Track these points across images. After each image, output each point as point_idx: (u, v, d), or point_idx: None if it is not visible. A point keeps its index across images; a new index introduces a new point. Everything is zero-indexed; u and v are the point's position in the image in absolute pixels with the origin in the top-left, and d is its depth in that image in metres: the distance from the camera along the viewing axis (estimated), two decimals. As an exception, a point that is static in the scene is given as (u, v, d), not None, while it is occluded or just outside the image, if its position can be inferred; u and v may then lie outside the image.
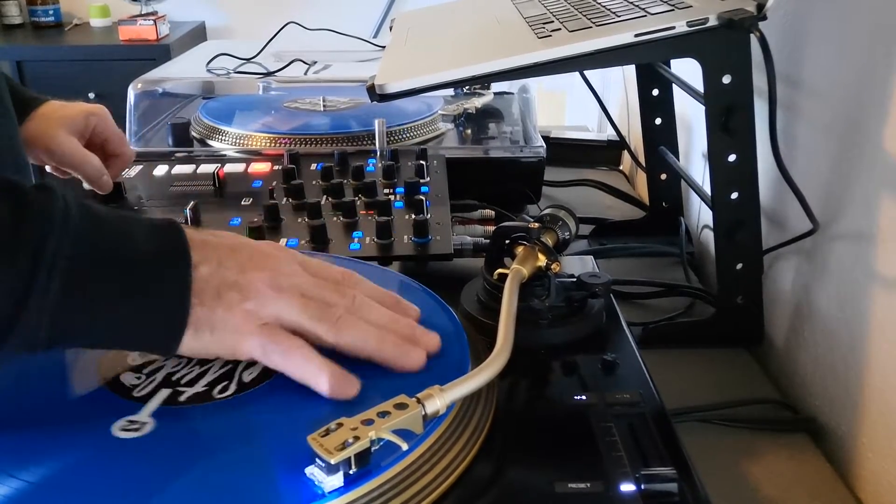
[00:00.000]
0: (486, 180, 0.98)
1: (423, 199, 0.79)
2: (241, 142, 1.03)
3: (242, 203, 0.83)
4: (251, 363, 0.49)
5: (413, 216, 0.75)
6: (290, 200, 0.82)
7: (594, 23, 0.70)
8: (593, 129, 1.55)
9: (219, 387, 0.48)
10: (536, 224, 0.61)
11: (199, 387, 0.48)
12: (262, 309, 0.47)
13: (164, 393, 0.47)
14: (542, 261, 0.58)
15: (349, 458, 0.39)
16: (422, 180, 0.85)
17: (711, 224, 0.73)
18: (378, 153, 0.95)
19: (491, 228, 0.86)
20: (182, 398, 0.47)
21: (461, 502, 0.42)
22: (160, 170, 0.91)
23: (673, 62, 0.89)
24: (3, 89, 0.67)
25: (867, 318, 0.62)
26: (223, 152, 1.01)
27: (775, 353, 0.77)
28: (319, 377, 0.46)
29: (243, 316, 0.46)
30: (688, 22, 0.64)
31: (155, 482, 0.40)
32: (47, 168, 0.83)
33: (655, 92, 0.94)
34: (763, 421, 0.67)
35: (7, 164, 0.67)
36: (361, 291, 0.52)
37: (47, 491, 0.40)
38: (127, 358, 0.51)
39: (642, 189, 1.14)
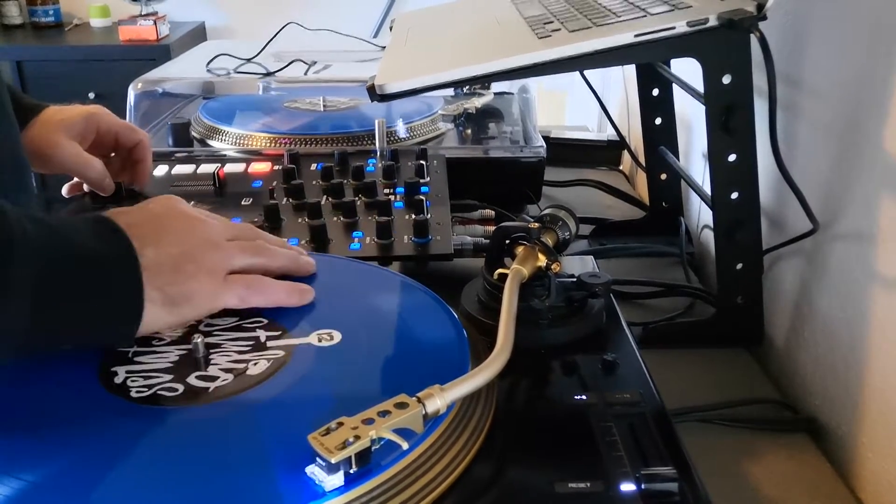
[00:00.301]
0: (486, 180, 0.98)
1: (423, 199, 0.79)
2: (242, 142, 1.03)
3: (242, 203, 0.83)
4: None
5: (413, 216, 0.75)
6: (291, 200, 0.82)
7: (594, 23, 0.70)
8: (593, 128, 1.55)
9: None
10: (536, 224, 0.61)
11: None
12: (218, 265, 0.54)
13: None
14: (542, 261, 0.58)
15: (350, 457, 0.39)
16: (422, 180, 0.85)
17: (711, 224, 0.73)
18: (378, 153, 0.95)
19: (491, 228, 0.86)
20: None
21: (461, 502, 0.42)
22: (160, 170, 0.91)
23: (673, 62, 0.89)
24: (3, 94, 0.67)
25: (867, 318, 0.62)
26: (223, 152, 1.01)
27: (775, 353, 0.77)
28: (291, 296, 0.56)
29: (208, 278, 0.53)
30: (688, 22, 0.64)
31: (155, 482, 0.40)
32: (64, 191, 0.84)
33: (655, 92, 0.94)
34: (763, 421, 0.67)
35: (7, 168, 0.67)
36: (249, 225, 0.62)
37: (47, 491, 0.40)
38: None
39: (642, 189, 1.14)
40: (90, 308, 0.48)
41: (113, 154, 0.84)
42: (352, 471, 0.39)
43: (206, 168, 0.91)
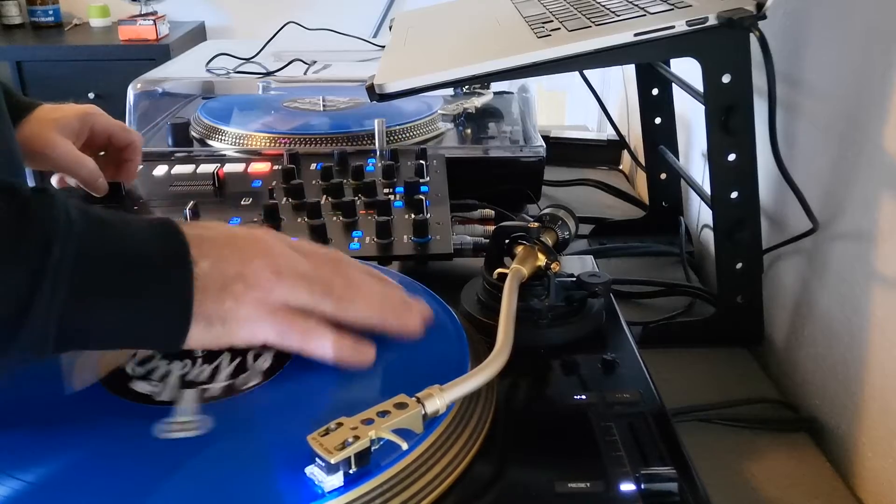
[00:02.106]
0: (485, 180, 0.98)
1: (423, 198, 0.79)
2: (241, 142, 1.03)
3: (242, 203, 0.83)
4: (259, 355, 0.50)
5: (413, 216, 0.75)
6: (290, 200, 0.82)
7: (594, 22, 0.70)
8: (593, 128, 1.55)
9: (240, 378, 0.48)
10: (536, 224, 0.61)
11: (221, 381, 0.49)
12: (269, 295, 0.48)
13: (192, 393, 0.47)
14: (541, 260, 0.58)
15: (349, 457, 0.39)
16: (421, 180, 0.85)
17: (711, 223, 0.73)
18: (378, 153, 0.95)
19: (491, 228, 0.86)
20: (208, 394, 0.47)
21: (461, 502, 0.42)
22: (160, 170, 0.91)
23: (673, 61, 0.89)
24: None
25: (867, 318, 0.62)
26: (223, 152, 1.01)
27: (775, 353, 0.77)
28: (338, 350, 0.49)
29: (253, 305, 0.47)
30: (687, 21, 0.64)
31: (155, 481, 0.40)
32: (53, 181, 0.83)
33: (655, 91, 0.94)
34: (763, 420, 0.67)
35: (2, 166, 0.67)
36: (353, 266, 0.54)
37: (47, 491, 0.40)
38: (124, 358, 0.51)
39: (642, 188, 1.14)
40: (131, 308, 0.44)
41: (102, 153, 0.84)
42: (351, 471, 0.39)
43: (206, 168, 0.91)
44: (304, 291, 0.49)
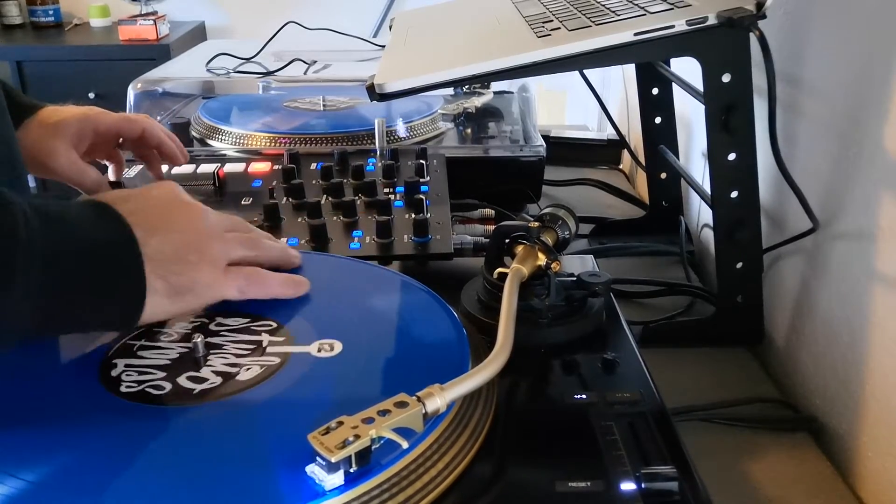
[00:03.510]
0: (486, 179, 0.98)
1: (423, 198, 0.79)
2: (241, 141, 1.03)
3: (242, 203, 0.83)
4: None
5: (413, 215, 0.75)
6: (290, 200, 0.82)
7: (594, 22, 0.70)
8: (593, 128, 1.55)
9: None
10: (536, 223, 0.61)
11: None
12: (219, 257, 0.55)
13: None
14: (542, 260, 0.58)
15: (350, 456, 0.39)
16: (422, 179, 0.85)
17: (711, 223, 0.73)
18: (378, 153, 0.95)
19: (491, 228, 0.86)
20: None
21: (462, 501, 0.42)
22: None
23: (673, 61, 0.89)
24: None
25: (867, 317, 0.62)
26: (223, 152, 1.01)
27: (775, 352, 0.77)
28: (287, 288, 0.57)
29: (210, 269, 0.54)
30: (687, 21, 0.64)
31: (155, 481, 0.40)
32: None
33: (655, 91, 0.94)
34: (763, 420, 0.67)
35: (4, 166, 0.67)
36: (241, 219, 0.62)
37: (47, 491, 0.40)
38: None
39: (642, 188, 1.14)
40: (93, 297, 0.48)
41: (121, 143, 0.83)
42: (352, 470, 0.39)
43: (206, 168, 0.91)
44: (240, 246, 0.57)
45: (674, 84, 0.88)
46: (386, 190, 0.85)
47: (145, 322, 0.51)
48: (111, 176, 0.85)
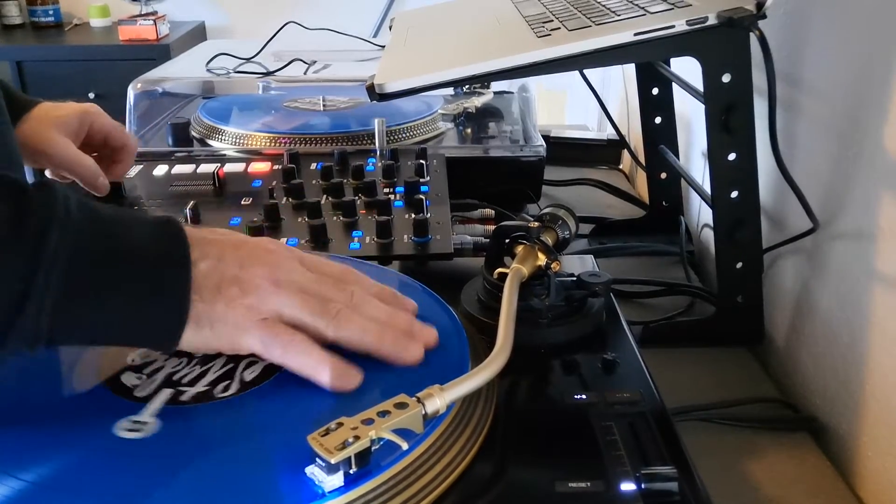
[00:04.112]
0: (485, 179, 0.98)
1: (423, 198, 0.79)
2: (241, 141, 1.03)
3: (242, 203, 0.83)
4: (252, 362, 0.50)
5: (413, 215, 0.75)
6: (290, 200, 0.82)
7: (594, 22, 0.70)
8: (593, 128, 1.55)
9: (220, 386, 0.48)
10: (536, 223, 0.61)
11: (201, 386, 0.48)
12: (262, 304, 0.47)
13: (166, 393, 0.47)
14: (541, 260, 0.58)
15: (349, 457, 0.39)
16: (422, 180, 0.85)
17: (711, 223, 0.73)
18: (378, 153, 0.95)
19: (491, 228, 0.86)
20: (183, 398, 0.47)
21: (462, 501, 0.42)
22: (160, 169, 0.91)
23: (673, 61, 0.89)
24: None
25: (867, 317, 0.62)
26: (223, 152, 1.01)
27: (776, 352, 0.77)
28: (320, 370, 0.47)
29: (244, 311, 0.47)
30: (687, 21, 0.64)
31: (155, 481, 0.40)
32: (47, 172, 0.82)
33: (655, 91, 0.94)
34: (763, 420, 0.67)
35: (2, 163, 0.67)
36: (360, 287, 0.52)
37: (47, 491, 0.40)
38: (127, 357, 0.51)
39: (642, 188, 1.14)
40: (127, 304, 0.44)
41: (95, 154, 0.84)
42: (351, 471, 0.39)
43: (206, 168, 0.91)
44: (297, 305, 0.48)
45: (674, 84, 0.88)
46: (386, 190, 0.85)
47: (179, 348, 0.47)
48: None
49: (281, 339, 0.47)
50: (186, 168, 0.92)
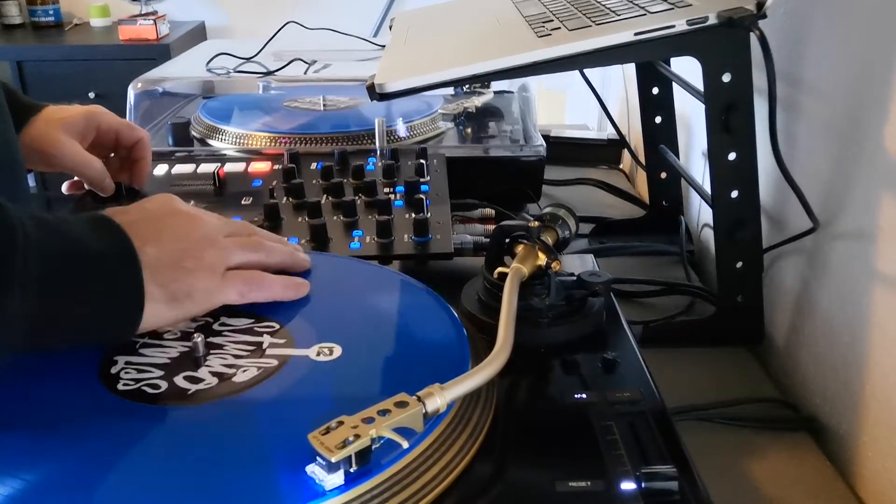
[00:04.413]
0: (486, 179, 0.98)
1: (424, 198, 0.79)
2: (242, 141, 1.03)
3: (242, 202, 0.83)
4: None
5: (413, 215, 0.75)
6: (291, 200, 0.82)
7: (594, 21, 0.70)
8: (593, 127, 1.55)
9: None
10: (536, 223, 0.61)
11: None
12: (217, 263, 0.55)
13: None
14: (542, 259, 0.58)
15: (350, 456, 0.39)
16: (422, 179, 0.85)
17: (712, 223, 0.73)
18: (378, 152, 0.95)
19: (491, 227, 0.86)
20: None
21: (462, 500, 0.42)
22: (160, 169, 0.91)
23: (673, 60, 0.89)
24: None
25: (867, 317, 0.62)
26: (223, 152, 1.01)
27: (776, 352, 0.77)
28: (287, 290, 0.57)
29: (207, 275, 0.54)
30: (688, 20, 0.64)
31: (155, 481, 0.40)
32: (64, 188, 0.83)
33: (655, 90, 0.94)
34: (763, 420, 0.67)
35: (3, 166, 0.67)
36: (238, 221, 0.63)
37: (47, 491, 0.40)
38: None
39: (642, 188, 1.14)
40: (92, 305, 0.48)
41: (112, 154, 0.84)
42: (352, 470, 0.39)
43: (206, 167, 0.91)
44: (239, 251, 0.57)
45: (674, 84, 0.88)
46: (386, 190, 0.84)
47: (145, 330, 0.51)
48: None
49: (252, 284, 0.56)
50: (187, 168, 0.92)
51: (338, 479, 0.39)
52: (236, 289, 0.55)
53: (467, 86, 1.18)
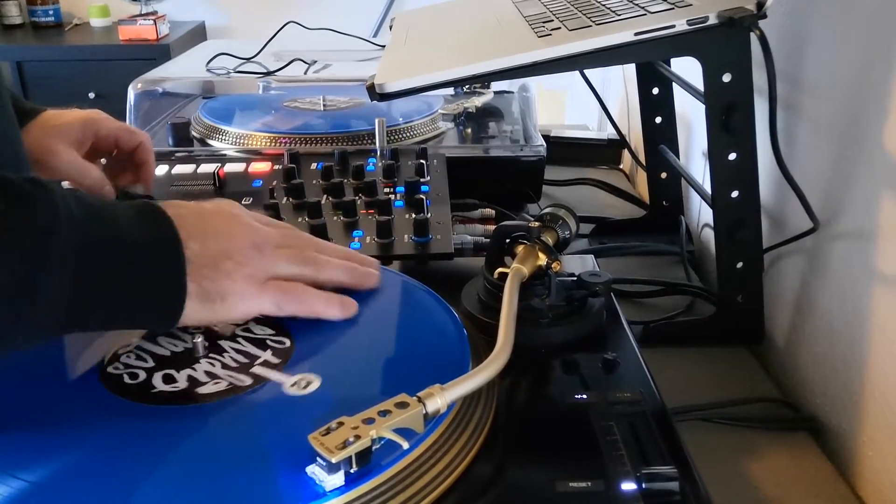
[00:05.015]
0: (486, 179, 0.98)
1: (424, 198, 0.79)
2: (242, 141, 1.03)
3: (243, 202, 0.83)
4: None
5: (413, 215, 0.75)
6: (291, 200, 0.82)
7: (594, 21, 0.70)
8: (593, 127, 1.55)
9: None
10: (537, 223, 0.61)
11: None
12: (258, 271, 0.53)
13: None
14: (542, 260, 0.58)
15: (350, 456, 0.39)
16: (422, 179, 0.85)
17: (712, 223, 0.73)
18: (378, 152, 0.95)
19: (491, 227, 0.87)
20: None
21: (462, 501, 0.42)
22: (160, 169, 0.91)
23: (673, 60, 0.89)
24: (2, 91, 0.67)
25: (867, 317, 0.62)
26: (223, 152, 1.01)
27: (776, 352, 0.77)
28: (330, 308, 0.55)
29: (245, 281, 0.52)
30: (688, 20, 0.64)
31: (155, 481, 0.40)
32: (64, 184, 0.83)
33: (655, 90, 0.94)
34: (764, 419, 0.67)
35: (8, 166, 0.67)
36: (302, 233, 0.60)
37: (47, 491, 0.40)
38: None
39: (643, 188, 1.14)
40: (132, 291, 0.47)
41: (115, 153, 0.84)
42: (352, 470, 0.39)
43: (207, 168, 0.91)
44: (285, 262, 0.54)
45: (674, 84, 0.88)
46: (386, 190, 0.85)
47: (183, 325, 0.50)
48: None
49: (290, 296, 0.54)
50: (187, 168, 0.92)
51: (338, 479, 0.39)
52: (272, 299, 0.53)
53: (467, 86, 1.18)
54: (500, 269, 0.58)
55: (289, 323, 0.54)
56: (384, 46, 1.00)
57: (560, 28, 0.71)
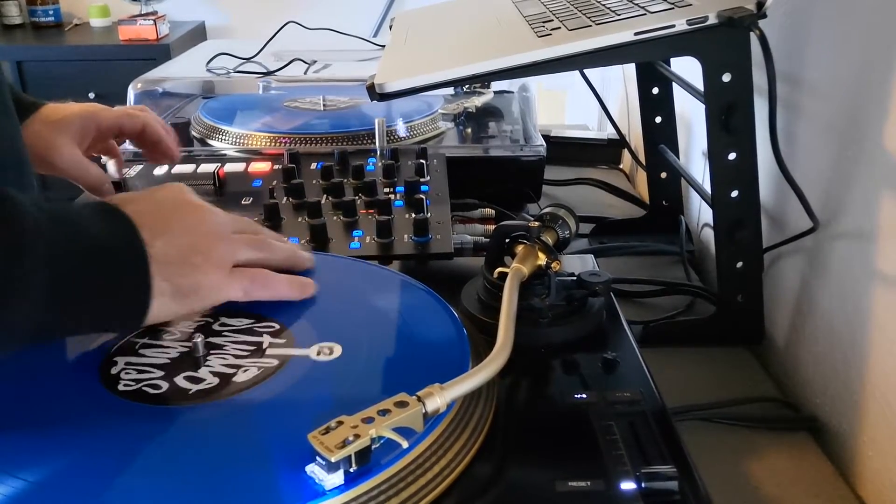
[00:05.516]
0: (486, 179, 0.98)
1: (424, 198, 0.79)
2: (242, 141, 1.03)
3: (242, 202, 0.83)
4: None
5: (413, 215, 0.75)
6: (291, 200, 0.82)
7: (594, 21, 0.70)
8: (593, 127, 1.55)
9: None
10: (536, 223, 0.61)
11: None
12: (224, 260, 0.54)
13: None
14: (542, 259, 0.58)
15: (349, 455, 0.39)
16: (422, 179, 0.85)
17: (712, 222, 0.73)
18: (378, 152, 0.95)
19: (491, 227, 0.86)
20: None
21: (462, 501, 0.42)
22: (160, 169, 0.91)
23: (673, 60, 0.89)
24: (4, 89, 0.67)
25: (868, 316, 0.62)
26: (223, 152, 1.01)
27: (776, 352, 0.77)
28: (292, 289, 0.57)
29: (215, 271, 0.53)
30: (688, 20, 0.64)
31: (155, 480, 0.40)
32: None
33: (655, 90, 0.94)
34: (764, 419, 0.67)
35: (9, 164, 0.67)
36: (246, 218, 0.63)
37: (47, 491, 0.40)
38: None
39: (642, 187, 1.14)
40: (100, 298, 0.48)
41: (122, 140, 0.84)
42: (352, 469, 0.39)
43: (207, 167, 0.91)
44: (246, 248, 0.57)
45: (674, 83, 0.88)
46: (386, 190, 0.85)
47: (150, 323, 0.51)
48: (111, 171, 0.85)
49: (258, 283, 0.56)
50: (187, 168, 0.92)
51: (338, 478, 0.39)
52: (241, 286, 0.55)
53: (467, 86, 1.18)
54: (499, 269, 0.58)
55: (260, 309, 0.56)
56: (384, 46, 1.00)
57: (560, 28, 0.71)
